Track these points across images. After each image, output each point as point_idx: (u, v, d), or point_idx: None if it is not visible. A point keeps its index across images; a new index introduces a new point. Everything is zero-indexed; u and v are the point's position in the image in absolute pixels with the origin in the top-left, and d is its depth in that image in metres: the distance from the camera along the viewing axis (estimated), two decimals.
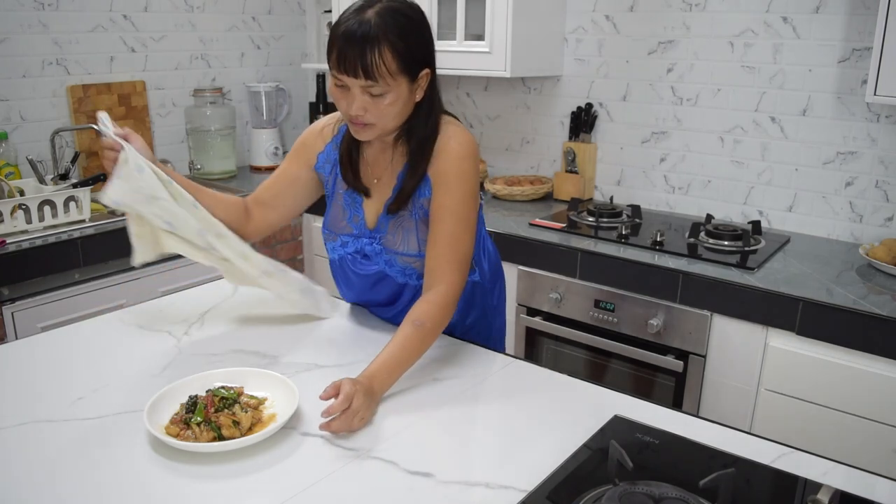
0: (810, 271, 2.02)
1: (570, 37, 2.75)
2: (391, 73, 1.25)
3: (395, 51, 1.24)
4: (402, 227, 1.44)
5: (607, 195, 2.80)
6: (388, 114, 1.29)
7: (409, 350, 1.29)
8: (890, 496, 1.03)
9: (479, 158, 1.43)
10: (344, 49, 1.23)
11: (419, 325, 1.30)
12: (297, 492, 1.03)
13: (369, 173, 1.47)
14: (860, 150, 2.24)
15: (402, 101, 1.29)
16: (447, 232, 1.36)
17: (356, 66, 1.23)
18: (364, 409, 1.17)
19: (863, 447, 1.79)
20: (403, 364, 1.29)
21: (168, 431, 1.13)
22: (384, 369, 1.25)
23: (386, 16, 1.24)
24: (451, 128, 1.39)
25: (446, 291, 1.35)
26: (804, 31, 2.27)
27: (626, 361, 2.19)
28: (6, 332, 2.11)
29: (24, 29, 2.53)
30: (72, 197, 2.33)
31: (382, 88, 1.25)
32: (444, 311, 1.34)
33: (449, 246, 1.36)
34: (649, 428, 1.19)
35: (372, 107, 1.27)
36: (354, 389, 1.15)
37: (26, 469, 1.07)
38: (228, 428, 1.12)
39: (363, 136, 1.34)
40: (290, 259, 2.93)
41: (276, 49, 3.38)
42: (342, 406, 1.13)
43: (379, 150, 1.45)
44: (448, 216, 1.36)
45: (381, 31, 1.22)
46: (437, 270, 1.36)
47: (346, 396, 1.14)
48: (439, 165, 1.37)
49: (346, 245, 1.50)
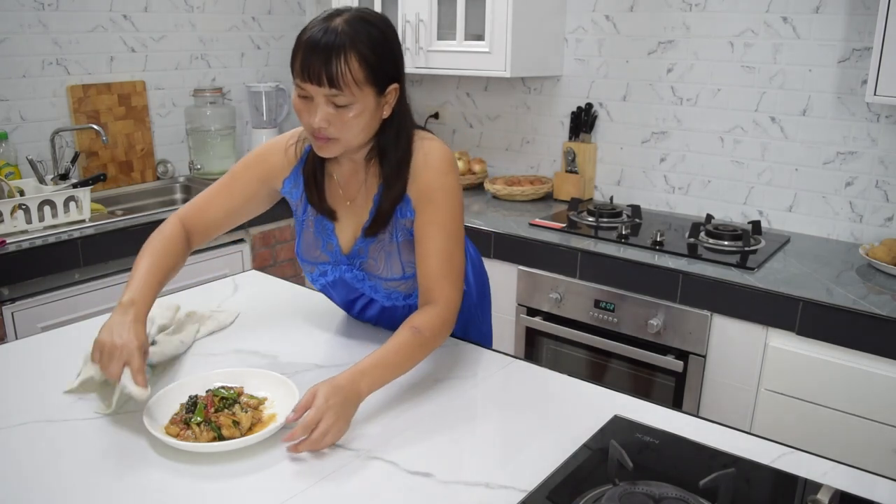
0: (810, 271, 2.02)
1: (570, 37, 2.75)
2: (357, 82, 1.18)
3: (362, 59, 1.18)
4: (384, 250, 1.38)
5: (607, 195, 2.80)
6: (353, 127, 1.22)
7: (404, 355, 1.23)
8: (890, 496, 1.03)
9: (458, 169, 1.37)
10: (308, 56, 1.17)
11: (417, 332, 1.25)
12: (297, 492, 1.03)
13: (340, 195, 1.39)
14: (860, 150, 2.24)
15: (367, 114, 1.23)
16: (439, 248, 1.30)
17: (321, 74, 1.17)
18: (334, 426, 1.10)
19: (863, 447, 1.79)
20: (396, 368, 1.23)
21: (168, 431, 1.13)
22: (375, 369, 1.19)
23: (355, 24, 1.19)
24: (426, 143, 1.33)
25: (445, 307, 1.30)
26: (804, 31, 2.27)
27: (626, 361, 2.19)
28: (6, 332, 2.11)
29: (24, 29, 2.53)
30: (72, 197, 2.33)
31: (347, 99, 1.19)
32: (443, 324, 1.29)
33: (443, 261, 1.30)
34: (649, 428, 1.19)
35: (336, 119, 1.21)
36: (326, 407, 1.10)
37: (26, 469, 1.07)
38: (228, 428, 1.12)
39: (326, 153, 1.27)
40: (289, 259, 2.93)
41: (276, 49, 3.38)
42: (306, 431, 1.09)
43: (350, 171, 1.38)
44: (437, 232, 1.31)
45: (348, 38, 1.17)
46: (434, 288, 1.30)
47: (312, 419, 1.09)
48: (420, 183, 1.31)
49: (325, 274, 1.44)
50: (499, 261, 2.39)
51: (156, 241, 1.37)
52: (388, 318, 1.50)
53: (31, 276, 2.14)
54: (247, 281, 1.87)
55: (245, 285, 1.83)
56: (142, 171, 2.95)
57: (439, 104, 3.21)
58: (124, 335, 1.18)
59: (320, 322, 1.61)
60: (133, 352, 1.16)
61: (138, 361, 1.16)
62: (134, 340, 1.17)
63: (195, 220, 1.42)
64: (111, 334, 1.18)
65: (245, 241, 2.76)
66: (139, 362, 1.16)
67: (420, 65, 2.74)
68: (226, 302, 1.72)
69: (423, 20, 2.68)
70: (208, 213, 1.43)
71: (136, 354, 1.16)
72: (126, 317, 1.21)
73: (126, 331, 1.19)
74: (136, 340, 1.18)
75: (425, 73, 2.83)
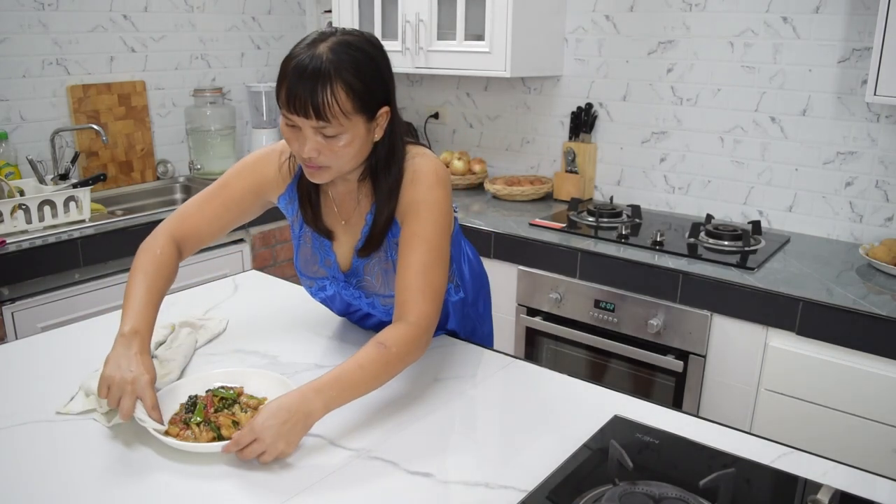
0: (810, 271, 2.02)
1: (570, 37, 2.75)
2: (345, 112, 1.14)
3: (349, 89, 1.14)
4: (381, 268, 1.36)
5: (607, 195, 2.80)
6: (344, 156, 1.20)
7: (369, 373, 1.15)
8: (890, 496, 1.03)
9: (449, 185, 1.34)
10: (294, 87, 1.13)
11: (384, 348, 1.17)
12: (297, 492, 1.03)
13: (336, 214, 1.37)
14: (860, 150, 2.24)
15: (358, 141, 1.20)
16: (418, 261, 1.25)
17: (307, 106, 1.13)
18: (271, 447, 1.06)
19: (863, 447, 1.79)
20: (358, 387, 1.15)
21: (168, 432, 1.13)
22: (333, 388, 1.12)
23: (339, 51, 1.14)
24: (416, 161, 1.30)
25: (417, 322, 1.22)
26: (804, 31, 2.27)
27: (626, 361, 2.19)
28: (6, 332, 2.11)
29: (24, 29, 2.53)
30: (72, 197, 2.33)
31: (336, 129, 1.16)
32: (414, 341, 1.21)
33: (420, 275, 1.25)
34: (649, 428, 1.19)
35: (326, 149, 1.18)
36: (262, 428, 1.05)
37: (26, 469, 1.07)
38: (228, 428, 1.12)
39: (317, 179, 1.24)
40: (289, 259, 2.93)
41: (276, 49, 3.38)
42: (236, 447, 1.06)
43: (345, 190, 1.36)
44: (419, 244, 1.26)
45: (333, 67, 1.12)
46: (409, 301, 1.24)
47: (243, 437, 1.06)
48: (406, 197, 1.29)
49: (324, 289, 1.44)
50: (499, 261, 2.38)
51: (146, 261, 1.32)
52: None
53: (31, 276, 2.14)
54: (247, 281, 1.87)
55: (245, 285, 1.83)
56: (142, 171, 2.95)
57: (439, 104, 3.21)
58: (133, 369, 1.14)
59: (320, 322, 1.61)
60: (145, 388, 1.12)
61: (151, 397, 1.13)
62: (144, 375, 1.14)
63: (185, 232, 1.38)
64: (119, 369, 1.14)
65: (245, 241, 2.76)
66: (152, 398, 1.13)
67: (420, 65, 2.74)
68: (226, 302, 1.72)
69: (423, 20, 2.68)
70: (199, 225, 1.38)
71: (148, 390, 1.13)
72: (131, 349, 1.18)
73: (134, 364, 1.15)
74: (146, 375, 1.14)
75: (425, 73, 2.83)
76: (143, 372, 1.14)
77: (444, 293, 1.30)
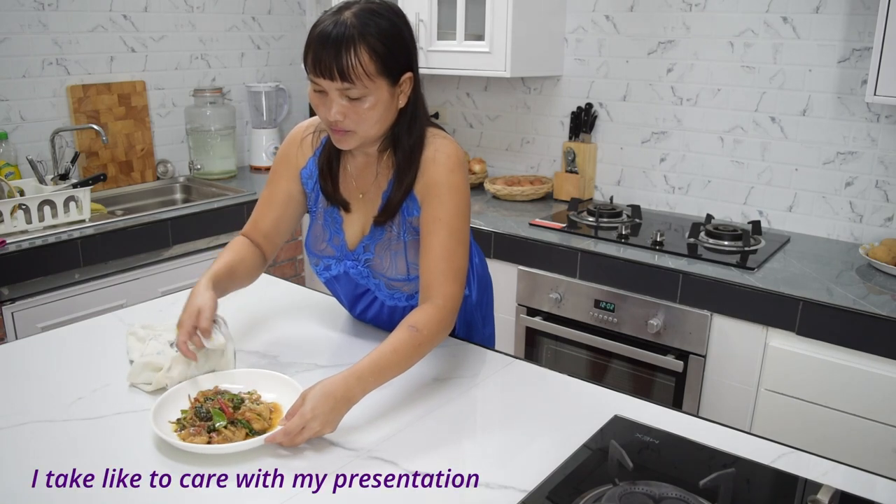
0: (810, 271, 2.02)
1: (570, 37, 2.75)
2: (369, 74, 1.19)
3: (372, 51, 1.19)
4: (390, 249, 1.39)
5: (607, 195, 2.80)
6: (369, 119, 1.23)
7: (402, 355, 1.21)
8: (890, 496, 1.03)
9: (467, 169, 1.38)
10: (319, 51, 1.18)
11: (415, 331, 1.23)
12: (297, 492, 1.03)
13: (353, 187, 1.41)
14: (860, 150, 2.24)
15: (382, 105, 1.24)
16: (441, 244, 1.30)
17: (332, 68, 1.18)
18: (319, 433, 1.11)
19: (863, 447, 1.79)
20: (393, 369, 1.21)
21: (195, 441, 1.11)
22: (372, 372, 1.18)
23: (363, 16, 1.19)
24: (437, 140, 1.34)
25: (444, 304, 1.28)
26: (804, 31, 2.27)
27: (626, 361, 2.19)
28: (6, 332, 2.11)
29: (24, 29, 2.53)
30: (72, 197, 2.33)
31: (360, 91, 1.20)
32: (442, 322, 1.27)
33: (444, 259, 1.30)
34: (649, 428, 1.19)
35: (351, 111, 1.22)
36: (311, 416, 1.10)
37: (26, 469, 1.07)
38: (258, 421, 1.15)
39: (344, 145, 1.28)
40: (289, 259, 2.93)
41: (276, 49, 3.38)
42: (287, 437, 1.10)
43: (363, 163, 1.39)
44: (441, 228, 1.30)
45: (357, 31, 1.18)
46: (434, 283, 1.30)
47: (294, 427, 1.09)
48: (428, 179, 1.32)
49: (329, 268, 1.46)
50: (499, 261, 2.39)
51: (226, 248, 1.47)
52: (389, 319, 1.50)
53: (31, 276, 2.14)
54: None
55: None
56: (142, 171, 2.95)
57: (439, 104, 3.21)
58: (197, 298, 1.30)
59: (321, 322, 1.61)
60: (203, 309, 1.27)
61: (206, 320, 1.27)
62: (208, 302, 1.29)
63: (254, 234, 1.49)
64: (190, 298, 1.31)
65: None
66: (207, 322, 1.27)
67: (420, 65, 2.73)
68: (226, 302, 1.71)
69: (423, 20, 2.68)
70: (262, 226, 1.49)
71: (206, 312, 1.27)
72: (199, 286, 1.33)
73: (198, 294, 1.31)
74: (209, 302, 1.29)
75: (425, 73, 2.82)
76: (207, 300, 1.30)
77: (465, 274, 1.35)
